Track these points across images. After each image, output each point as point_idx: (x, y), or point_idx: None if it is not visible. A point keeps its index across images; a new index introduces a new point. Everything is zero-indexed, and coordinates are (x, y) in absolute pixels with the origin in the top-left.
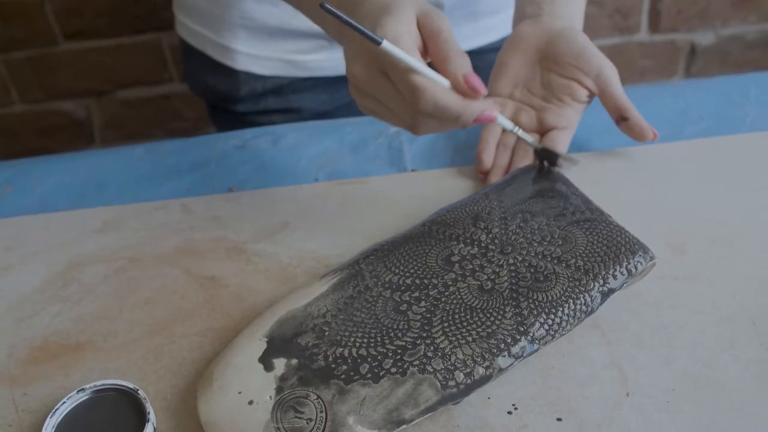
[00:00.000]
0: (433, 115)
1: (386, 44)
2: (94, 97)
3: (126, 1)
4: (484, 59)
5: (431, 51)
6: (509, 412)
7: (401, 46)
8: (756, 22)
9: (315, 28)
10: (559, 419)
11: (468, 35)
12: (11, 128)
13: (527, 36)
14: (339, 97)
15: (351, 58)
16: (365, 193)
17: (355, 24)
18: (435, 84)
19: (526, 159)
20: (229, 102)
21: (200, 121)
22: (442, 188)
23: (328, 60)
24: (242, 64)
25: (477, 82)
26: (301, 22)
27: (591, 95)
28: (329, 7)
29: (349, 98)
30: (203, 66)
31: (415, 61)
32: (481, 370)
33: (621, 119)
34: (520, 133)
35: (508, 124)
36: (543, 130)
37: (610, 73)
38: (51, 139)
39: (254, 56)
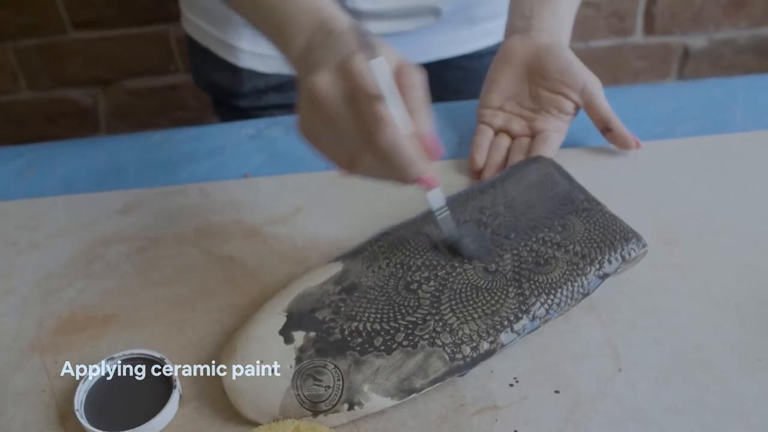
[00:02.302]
0: (384, 153)
1: (379, 62)
2: (101, 85)
3: None
4: (482, 62)
5: (403, 101)
6: (511, 385)
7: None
8: (747, 27)
9: None
10: (556, 392)
11: (466, 39)
12: (18, 115)
13: (516, 51)
14: None
15: (320, 67)
16: (371, 183)
17: (365, 35)
18: (398, 124)
19: (521, 156)
20: (232, 97)
21: (205, 112)
22: (448, 178)
23: None
24: (245, 61)
25: (438, 146)
26: None
27: (577, 107)
28: None
29: None
30: (208, 62)
31: (396, 96)
32: (486, 345)
33: (606, 130)
34: (444, 215)
35: (439, 200)
36: (534, 135)
37: (595, 87)
38: (57, 126)
39: (257, 54)
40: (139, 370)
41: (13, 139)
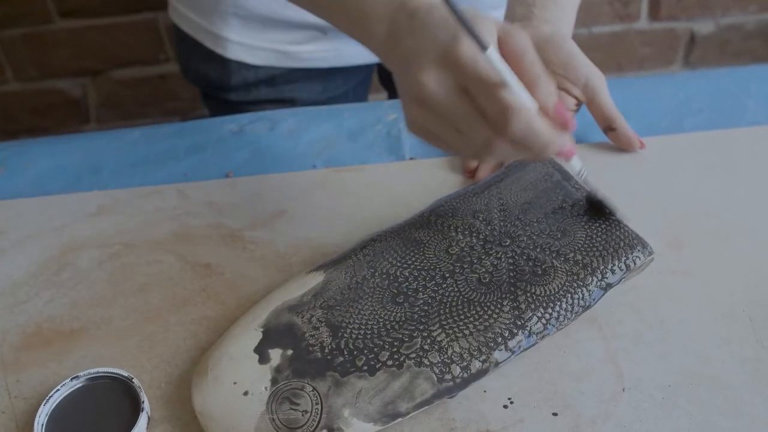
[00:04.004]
0: (520, 140)
1: (492, 52)
2: (89, 76)
3: None
4: None
5: (516, 73)
6: (505, 406)
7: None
8: (756, 12)
9: (308, 18)
10: (554, 414)
11: None
12: (6, 107)
13: None
14: (332, 87)
15: (419, 61)
16: (363, 181)
17: (468, 22)
18: (531, 109)
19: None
20: (221, 90)
21: (196, 102)
22: (441, 177)
23: (321, 51)
24: (234, 53)
25: (568, 114)
26: (294, 12)
27: (579, 103)
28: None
29: (344, 89)
30: (195, 52)
31: (514, 78)
32: (477, 364)
33: (608, 129)
34: (584, 176)
35: (578, 165)
36: None
37: (598, 82)
38: (46, 118)
39: (246, 45)
40: (106, 389)
41: (0, 132)
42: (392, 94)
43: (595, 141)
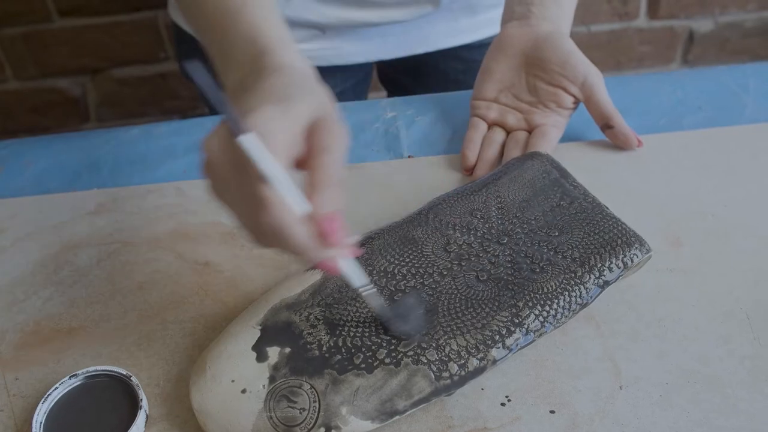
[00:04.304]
0: (271, 235)
1: (245, 140)
2: (89, 74)
3: None
4: (483, 53)
5: (309, 168)
6: (502, 404)
7: (268, 144)
8: (755, 10)
9: (306, 17)
10: (552, 411)
11: (466, 29)
12: (6, 105)
13: (513, 40)
14: (332, 86)
15: (213, 129)
16: (361, 179)
17: (220, 100)
18: (284, 205)
19: (517, 152)
20: (221, 89)
21: (196, 101)
22: (439, 175)
23: (320, 50)
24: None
25: (333, 230)
26: (292, 10)
27: (576, 102)
28: (192, 69)
29: (343, 87)
30: (194, 51)
31: (273, 171)
32: (475, 362)
33: (606, 127)
34: (366, 293)
35: (357, 280)
36: (531, 129)
37: (596, 80)
38: (46, 117)
39: None
40: (104, 387)
41: (0, 131)
42: (392, 92)
43: (593, 139)
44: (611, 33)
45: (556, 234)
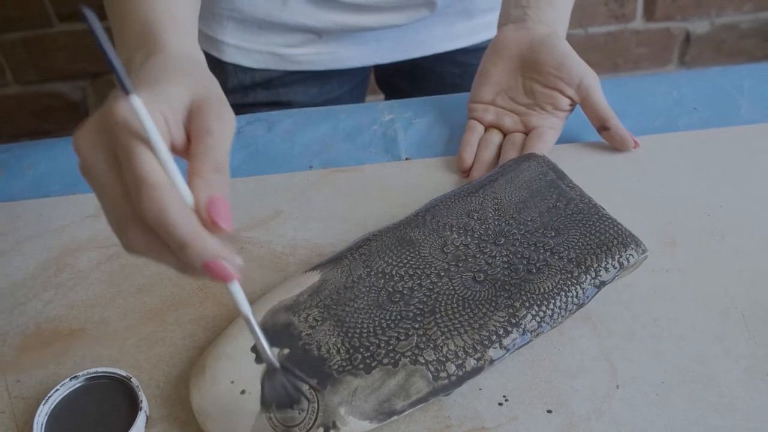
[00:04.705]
0: (153, 225)
1: (136, 100)
2: (89, 79)
3: None
4: (480, 57)
5: (190, 153)
6: (500, 404)
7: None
8: (751, 12)
9: (303, 21)
10: (549, 411)
11: (462, 33)
12: (6, 110)
13: (509, 43)
14: (329, 90)
15: (85, 122)
16: (359, 181)
17: (112, 58)
18: (172, 189)
19: (514, 153)
20: None
21: None
22: (437, 177)
23: (317, 54)
24: (230, 56)
25: (222, 214)
26: (289, 15)
27: (573, 104)
28: (89, 14)
29: (340, 92)
30: None
31: (162, 147)
32: (472, 362)
33: (602, 128)
34: (251, 317)
35: (244, 305)
36: (528, 131)
37: (592, 82)
38: (46, 121)
39: (242, 48)
40: (104, 389)
41: (1, 135)
42: (389, 96)
43: (590, 141)
44: (608, 35)
45: (553, 235)
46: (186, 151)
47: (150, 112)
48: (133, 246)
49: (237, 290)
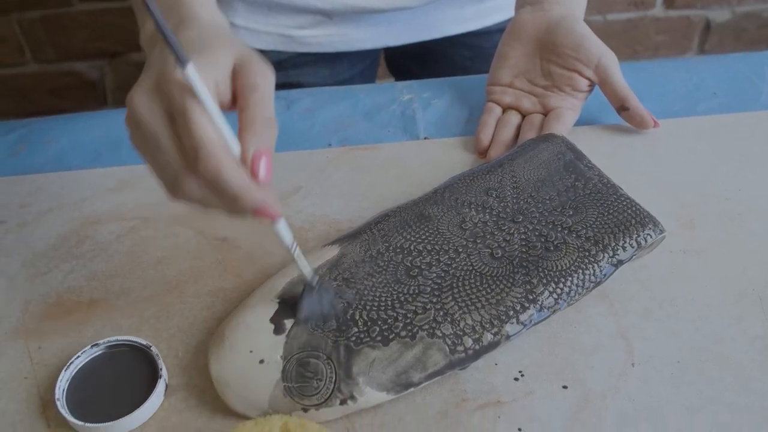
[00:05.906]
0: (209, 183)
1: (191, 71)
2: (107, 58)
3: None
4: (491, 40)
5: (239, 108)
6: (516, 379)
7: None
8: None
9: (312, 2)
10: (564, 387)
11: (473, 16)
12: (24, 87)
13: (526, 25)
14: (340, 72)
15: (138, 85)
16: (377, 160)
17: (168, 33)
18: (226, 151)
19: (532, 134)
20: None
21: None
22: (455, 156)
23: (327, 35)
24: (240, 37)
25: (263, 169)
26: None
27: (592, 84)
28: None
29: (351, 73)
30: None
31: (216, 111)
32: (489, 336)
33: (622, 108)
34: (297, 253)
35: (287, 237)
36: (547, 112)
37: (610, 62)
38: (63, 100)
39: (252, 30)
40: (125, 357)
41: (18, 112)
42: (399, 78)
43: (609, 123)
44: (627, 22)
45: (571, 213)
46: (232, 106)
47: (206, 78)
48: (188, 196)
49: (282, 226)
